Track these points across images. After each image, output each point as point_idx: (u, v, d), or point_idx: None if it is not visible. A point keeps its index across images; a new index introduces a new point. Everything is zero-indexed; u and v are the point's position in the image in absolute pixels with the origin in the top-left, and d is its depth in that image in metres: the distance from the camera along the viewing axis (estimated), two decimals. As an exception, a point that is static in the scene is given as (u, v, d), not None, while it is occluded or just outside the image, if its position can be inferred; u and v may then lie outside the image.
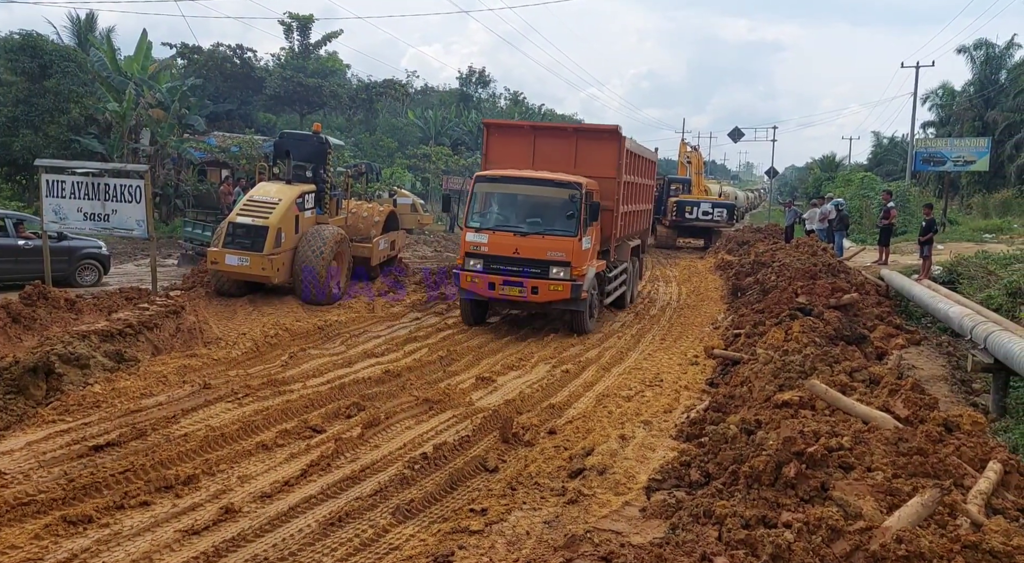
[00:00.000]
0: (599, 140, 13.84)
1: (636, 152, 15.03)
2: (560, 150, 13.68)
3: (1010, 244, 19.71)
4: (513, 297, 12.21)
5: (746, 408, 7.20)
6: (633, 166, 14.79)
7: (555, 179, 12.46)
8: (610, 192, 13.55)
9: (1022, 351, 7.54)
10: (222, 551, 5.01)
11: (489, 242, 12.27)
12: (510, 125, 16.04)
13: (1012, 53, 40.20)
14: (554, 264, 11.99)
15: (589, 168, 13.41)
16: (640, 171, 15.75)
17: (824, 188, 41.09)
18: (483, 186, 12.78)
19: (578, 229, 12.07)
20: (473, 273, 12.33)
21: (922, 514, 4.42)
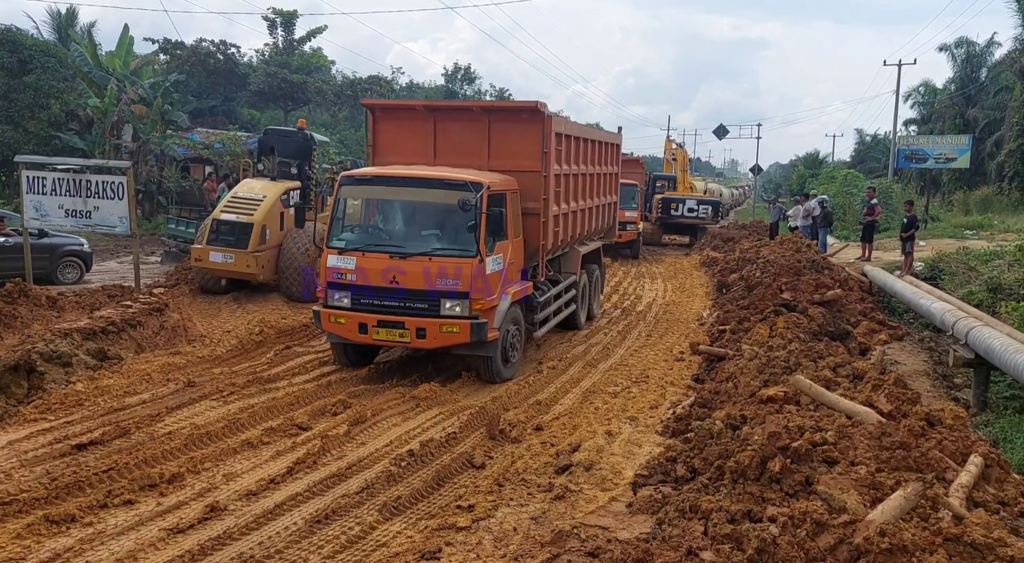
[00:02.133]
0: (516, 122, 10.23)
1: (578, 135, 11.83)
2: (469, 137, 10.32)
3: (990, 240, 19.94)
4: (393, 342, 9.05)
5: (731, 404, 7.25)
6: (575, 153, 11.58)
7: (444, 178, 9.09)
8: (534, 189, 10.11)
9: (1003, 346, 7.63)
10: (207, 549, 4.98)
11: (358, 268, 8.93)
12: (400, 106, 11.84)
13: (992, 52, 40.62)
14: (447, 296, 8.74)
15: (507, 159, 10.18)
16: (590, 158, 12.51)
17: (808, 185, 41.36)
18: (350, 190, 9.45)
19: (479, 246, 8.73)
20: (337, 311, 9.03)
21: (905, 507, 4.47)
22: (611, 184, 14.34)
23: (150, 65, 34.02)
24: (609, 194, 14.22)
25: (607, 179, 13.95)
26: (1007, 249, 15.15)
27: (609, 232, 14.81)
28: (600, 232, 14.04)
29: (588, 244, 13.21)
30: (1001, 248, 15.96)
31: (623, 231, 22.48)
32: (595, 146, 12.78)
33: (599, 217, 13.58)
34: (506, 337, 9.42)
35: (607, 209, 14.24)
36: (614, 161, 14.39)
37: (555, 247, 11.05)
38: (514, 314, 9.65)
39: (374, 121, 10.82)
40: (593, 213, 13.03)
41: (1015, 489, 5.10)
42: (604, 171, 13.57)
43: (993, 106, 37.94)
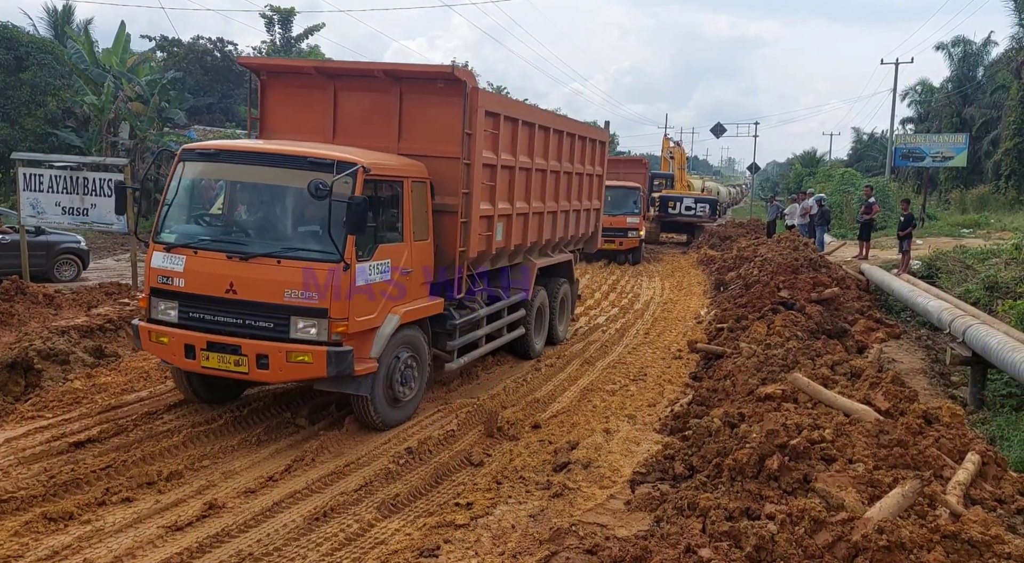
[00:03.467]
0: (431, 93, 8.01)
1: (533, 121, 9.60)
2: (376, 112, 8.18)
3: (987, 239, 19.97)
4: (226, 371, 6.74)
5: (729, 401, 7.26)
6: (528, 142, 9.51)
7: (301, 155, 6.92)
8: (452, 181, 7.91)
9: (999, 344, 7.65)
10: (206, 547, 4.98)
11: (187, 270, 6.79)
12: (289, 69, 8.96)
13: (989, 50, 40.68)
14: (299, 313, 6.57)
15: (421, 141, 8.03)
16: (557, 152, 10.49)
17: (805, 184, 41.39)
18: (190, 169, 7.28)
19: (343, 248, 6.49)
20: (160, 327, 6.90)
21: (903, 505, 4.48)
22: (592, 187, 12.32)
23: (147, 62, 33.93)
24: (589, 198, 12.17)
25: (586, 180, 11.90)
26: (1004, 247, 15.20)
27: (589, 243, 12.77)
28: (574, 242, 12.03)
29: (551, 255, 11.00)
30: (998, 246, 16.00)
31: (623, 238, 22.17)
32: (567, 140, 10.80)
33: (571, 224, 11.44)
34: (392, 369, 7.22)
35: (585, 216, 12.05)
36: (597, 160, 12.35)
37: (487, 256, 8.77)
38: (408, 339, 7.44)
39: (261, 89, 8.61)
40: (560, 219, 10.88)
41: (1012, 487, 5.12)
42: (581, 170, 11.53)
43: (990, 105, 38.01)
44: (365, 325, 6.82)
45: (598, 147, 12.39)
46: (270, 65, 9.05)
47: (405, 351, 7.45)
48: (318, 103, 8.34)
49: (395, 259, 7.24)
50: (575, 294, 12.58)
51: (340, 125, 8.31)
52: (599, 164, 12.49)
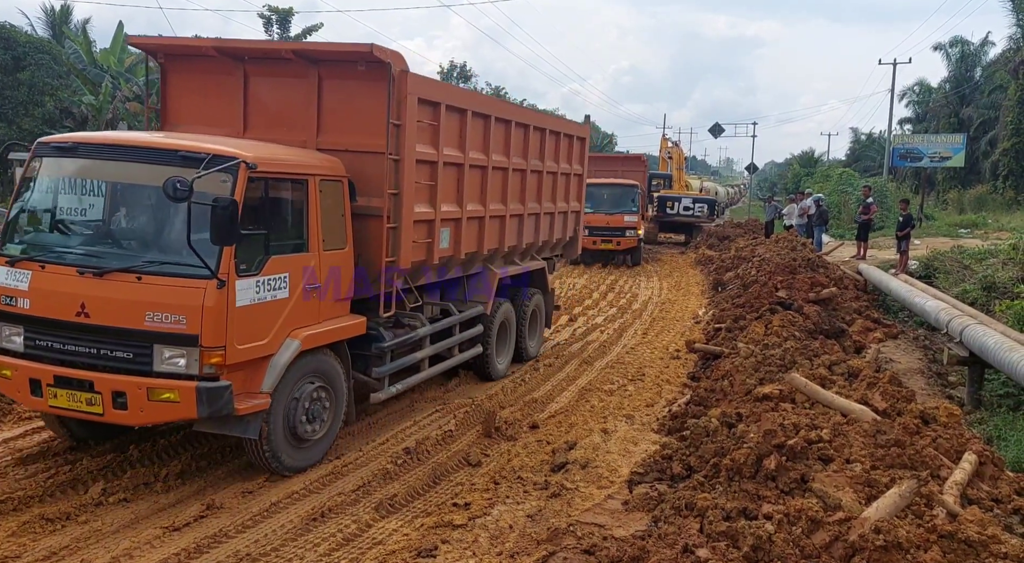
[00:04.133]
0: (352, 78, 6.89)
1: (484, 112, 8.40)
2: (292, 100, 7.10)
3: (985, 239, 20.00)
4: (77, 412, 5.65)
5: (727, 401, 7.27)
6: (481, 136, 8.36)
7: (169, 147, 5.79)
8: (377, 179, 6.78)
9: (997, 344, 7.66)
10: (203, 547, 4.98)
11: (33, 289, 5.65)
12: (189, 49, 7.59)
13: (987, 51, 40.77)
14: (164, 340, 5.43)
15: (343, 134, 6.95)
16: (520, 148, 9.30)
17: (803, 184, 41.45)
18: (46, 166, 6.10)
19: (218, 259, 5.39)
20: (3, 358, 5.79)
21: (899, 505, 4.49)
22: (570, 187, 11.11)
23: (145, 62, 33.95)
24: (566, 199, 10.99)
25: (561, 180, 10.70)
26: (1001, 248, 15.21)
27: (568, 248, 11.77)
28: (549, 248, 10.93)
29: (518, 263, 9.83)
30: (995, 247, 16.02)
31: (621, 238, 21.48)
32: (535, 135, 9.60)
33: (543, 229, 10.28)
34: (293, 404, 6.08)
35: (562, 219, 10.93)
36: (576, 158, 11.18)
37: (427, 266, 7.70)
38: (317, 367, 6.29)
39: (163, 75, 7.54)
40: (529, 223, 9.74)
41: (1009, 486, 5.13)
42: (554, 169, 10.37)
43: (987, 105, 38.08)
44: (252, 353, 5.64)
45: (576, 144, 11.16)
46: (167, 45, 7.60)
47: (312, 382, 6.26)
48: (226, 91, 7.19)
49: (296, 272, 6.02)
50: (550, 306, 11.21)
51: (251, 116, 7.17)
52: (578, 162, 11.30)
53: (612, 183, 22.16)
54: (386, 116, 6.67)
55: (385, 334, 7.22)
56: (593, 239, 20.75)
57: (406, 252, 7.10)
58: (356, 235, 6.72)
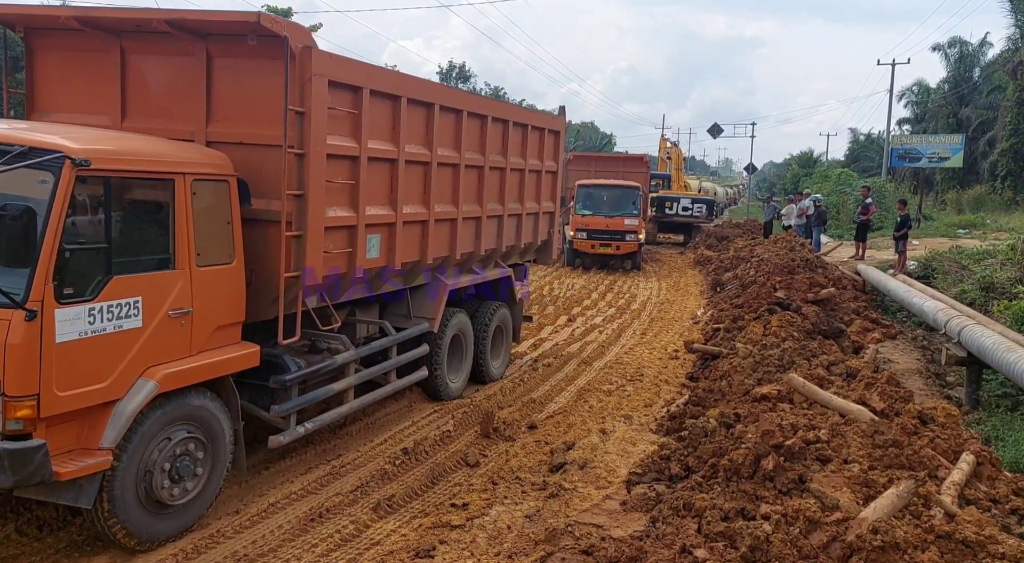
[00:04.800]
0: (246, 56, 5.75)
1: (423, 99, 7.18)
2: (178, 82, 5.94)
3: (983, 239, 20.02)
4: None
5: (725, 402, 7.27)
6: (421, 128, 7.22)
7: None
8: (275, 176, 5.65)
9: (995, 345, 7.66)
10: (201, 548, 4.97)
11: None
12: (50, 19, 6.13)
13: (985, 51, 40.80)
14: None
15: (238, 122, 5.82)
16: (482, 143, 8.27)
17: (802, 184, 41.49)
18: None
19: (30, 283, 4.22)
20: None
21: (897, 505, 4.49)
22: (542, 186, 9.94)
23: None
24: (537, 199, 9.82)
25: (531, 179, 9.55)
26: (1000, 248, 15.22)
27: (542, 253, 10.50)
28: (518, 254, 9.73)
29: (477, 272, 8.66)
30: (994, 247, 16.04)
31: (621, 242, 20.39)
32: (495, 128, 8.42)
33: (508, 232, 9.08)
34: (151, 461, 4.85)
35: (532, 221, 9.79)
36: (549, 153, 10.00)
37: (347, 280, 6.46)
38: (187, 411, 5.09)
39: (28, 53, 6.28)
40: (489, 227, 8.57)
41: (1006, 487, 5.13)
42: (520, 166, 9.19)
43: (986, 105, 38.13)
44: (84, 401, 4.46)
45: (549, 137, 9.98)
46: (24, 15, 6.12)
47: (181, 430, 5.01)
48: (100, 71, 6.01)
49: (156, 295, 4.84)
50: (519, 318, 10.08)
51: (131, 102, 5.98)
52: (552, 158, 10.15)
53: (612, 184, 21.57)
54: (284, 102, 5.45)
55: (291, 363, 5.98)
56: (591, 242, 20.38)
57: (315, 264, 5.86)
58: (250, 246, 5.50)
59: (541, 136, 9.80)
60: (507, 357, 9.88)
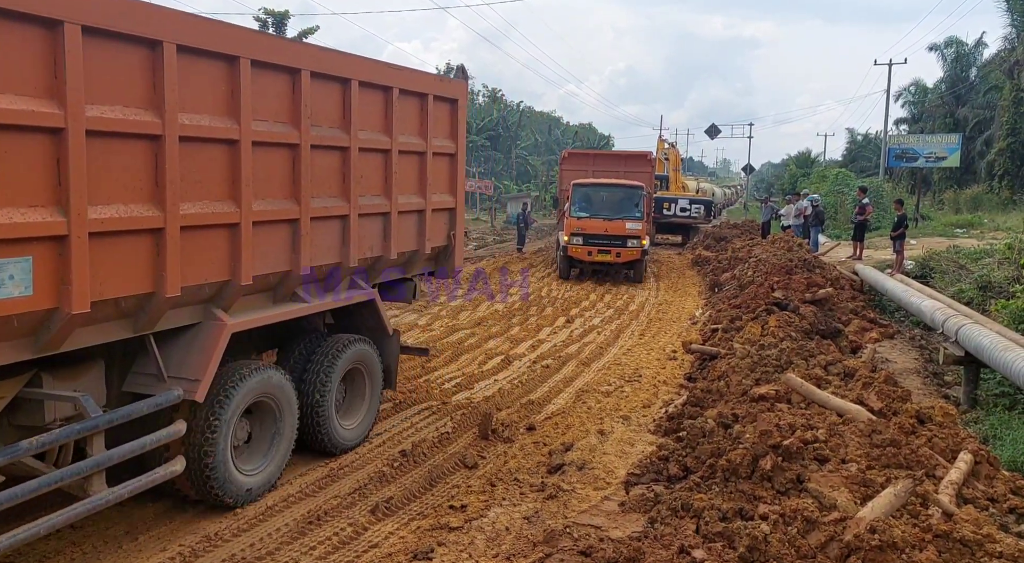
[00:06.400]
0: None
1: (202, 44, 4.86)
2: None
3: (980, 239, 20.07)
4: None
5: (723, 402, 7.27)
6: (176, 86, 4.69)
7: None
8: None
9: (992, 344, 7.67)
10: (199, 551, 4.97)
11: None
12: None
13: (981, 51, 40.90)
14: None
15: None
16: (294, 111, 5.71)
17: (800, 184, 41.53)
18: None
19: None
20: None
21: (895, 504, 4.49)
22: (428, 173, 7.32)
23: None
24: (419, 192, 7.29)
25: (408, 164, 7.06)
26: (997, 247, 15.26)
27: (438, 263, 7.99)
28: (383, 268, 7.12)
29: (295, 301, 6.03)
30: (991, 246, 16.08)
31: (622, 249, 18.11)
32: (313, 86, 5.78)
33: (367, 239, 6.63)
34: None
35: (411, 223, 7.25)
36: (439, 129, 7.52)
37: None
38: None
39: None
40: (325, 233, 6.11)
41: (1004, 486, 5.14)
42: (385, 145, 6.70)
43: (983, 105, 38.22)
44: None
45: (438, 108, 7.42)
46: None
47: None
48: None
49: None
50: (392, 356, 7.39)
51: None
52: (446, 135, 7.68)
53: (612, 184, 19.50)
54: None
55: None
56: (588, 249, 18.26)
57: None
58: None
59: (422, 105, 7.18)
60: (373, 413, 7.12)
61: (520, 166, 62.35)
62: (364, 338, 6.94)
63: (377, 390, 7.17)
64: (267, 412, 5.86)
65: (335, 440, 6.60)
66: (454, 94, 7.80)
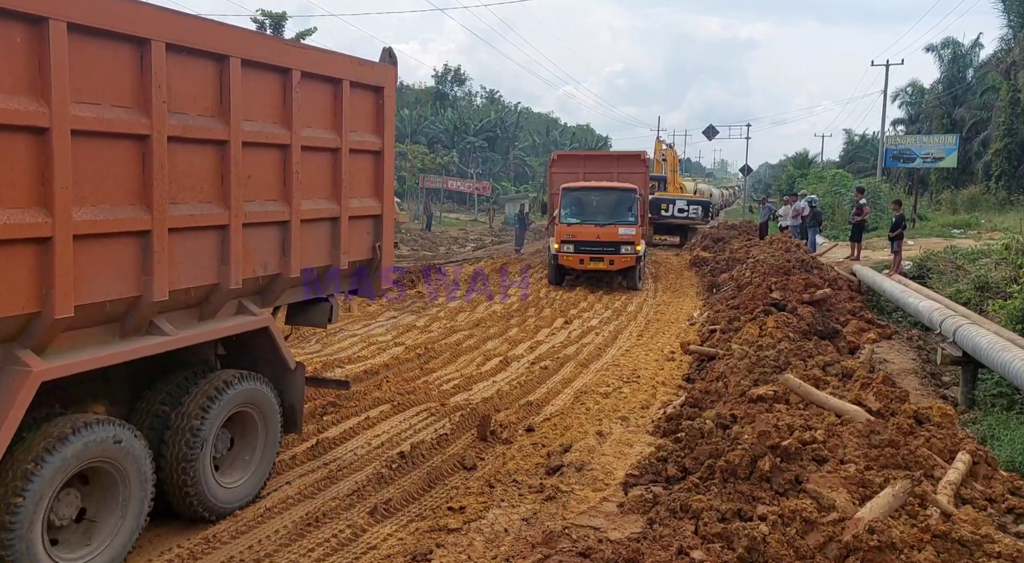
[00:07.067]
0: None
1: None
2: None
3: (978, 239, 20.10)
4: None
5: (722, 403, 7.27)
6: None
7: None
8: None
9: (990, 344, 7.68)
10: (197, 554, 4.96)
11: None
12: None
13: (977, 52, 41.04)
14: None
15: None
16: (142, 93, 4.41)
17: (797, 185, 41.59)
18: None
19: None
20: None
21: (893, 505, 4.50)
22: (338, 175, 6.11)
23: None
24: (332, 196, 6.10)
25: (310, 162, 5.81)
26: (994, 248, 15.27)
27: (364, 281, 6.77)
28: (284, 288, 5.85)
29: (163, 332, 4.86)
30: (988, 247, 16.09)
31: (615, 256, 17.20)
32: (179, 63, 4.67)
33: (251, 254, 5.38)
34: None
35: (322, 234, 6.06)
36: (356, 121, 6.28)
37: None
38: None
39: None
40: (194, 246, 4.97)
41: (1002, 486, 5.15)
42: (282, 139, 5.53)
43: (979, 106, 38.31)
44: None
45: (358, 96, 6.28)
46: None
47: None
48: None
49: None
50: (295, 394, 6.05)
51: None
52: (370, 129, 6.51)
53: (603, 187, 18.61)
54: None
55: None
56: (580, 257, 17.35)
57: None
58: None
59: (335, 92, 6.01)
60: (267, 464, 5.80)
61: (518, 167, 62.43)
62: (255, 375, 5.58)
63: (274, 437, 5.80)
64: (106, 478, 4.51)
65: (209, 503, 5.22)
66: (378, 81, 6.57)
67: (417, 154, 41.94)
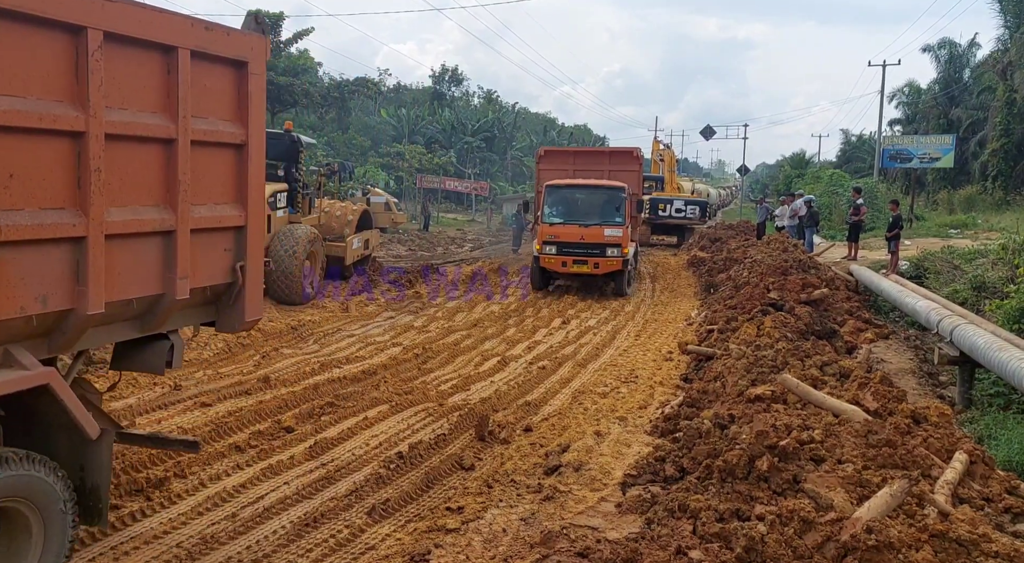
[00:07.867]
0: None
1: None
2: None
3: (974, 239, 20.13)
4: None
5: (719, 403, 7.28)
6: None
7: None
8: None
9: (987, 344, 7.70)
10: (194, 554, 4.95)
11: None
12: None
13: (974, 52, 41.08)
14: None
15: None
16: None
17: (794, 185, 41.63)
18: None
19: None
20: None
21: (891, 504, 4.50)
22: (175, 174, 4.52)
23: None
24: (164, 203, 4.51)
25: (132, 158, 4.28)
26: (991, 248, 15.30)
27: (221, 311, 5.26)
28: (99, 322, 4.25)
29: None
30: (985, 247, 16.12)
31: (600, 258, 16.13)
32: None
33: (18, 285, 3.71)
34: None
35: (139, 251, 4.39)
36: (207, 104, 4.78)
37: None
38: None
39: None
40: None
41: (999, 485, 5.15)
42: (75, 126, 3.86)
43: (976, 106, 38.36)
44: None
45: (216, 73, 4.88)
46: None
47: None
48: None
49: None
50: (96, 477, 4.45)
51: None
52: (231, 116, 5.03)
53: (588, 184, 17.20)
54: None
55: None
56: (562, 259, 16.27)
57: None
58: None
59: (166, 63, 4.46)
60: None
61: (515, 167, 62.44)
62: (26, 453, 3.91)
63: (57, 536, 4.09)
64: None
65: None
66: (238, 53, 5.01)
67: (414, 154, 41.92)
